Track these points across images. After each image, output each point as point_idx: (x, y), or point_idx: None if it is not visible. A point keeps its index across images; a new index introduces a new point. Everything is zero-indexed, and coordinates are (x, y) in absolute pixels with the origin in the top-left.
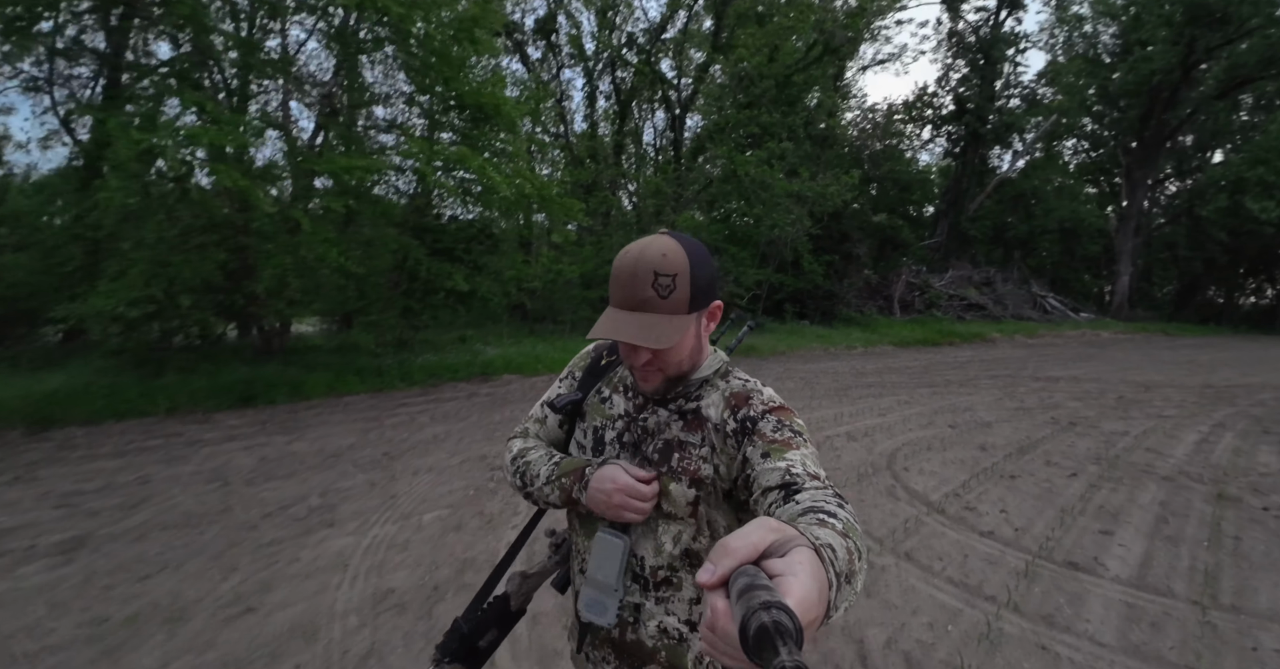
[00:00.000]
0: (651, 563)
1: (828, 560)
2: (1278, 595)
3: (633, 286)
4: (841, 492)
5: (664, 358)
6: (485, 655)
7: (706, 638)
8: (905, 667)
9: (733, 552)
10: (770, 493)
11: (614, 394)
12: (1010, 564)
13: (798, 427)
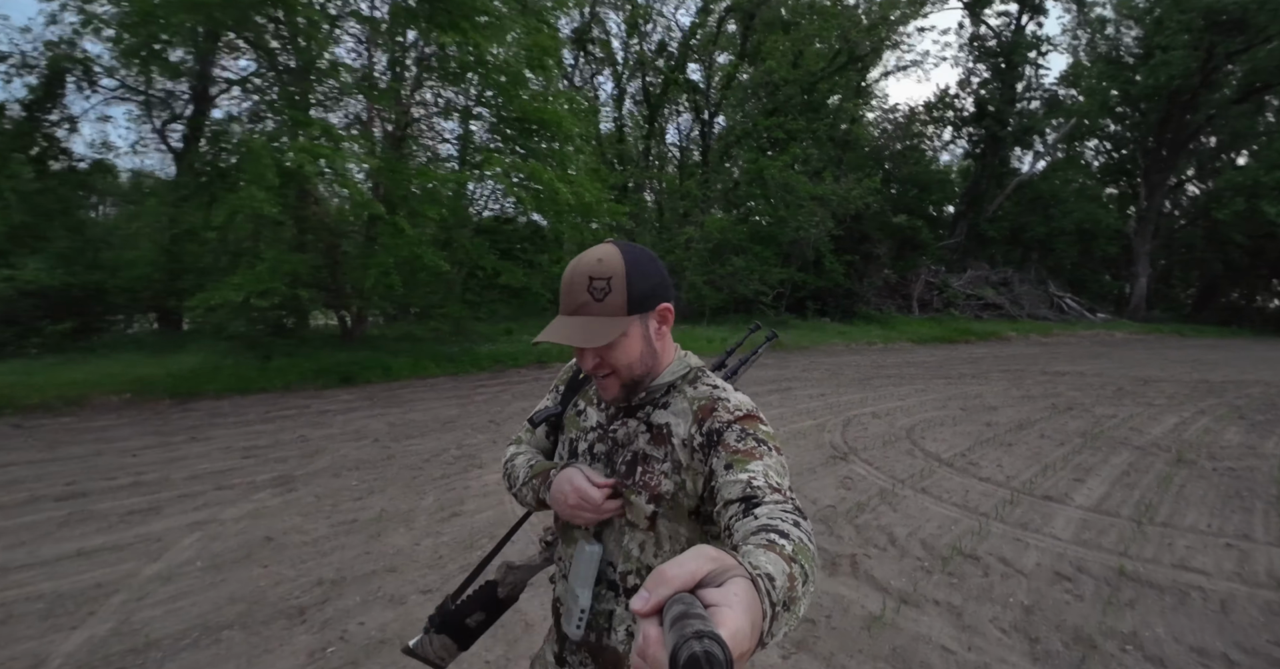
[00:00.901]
0: (621, 568)
1: (764, 591)
2: (1199, 519)
3: (570, 292)
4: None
5: (611, 360)
6: (474, 634)
7: (636, 665)
8: (922, 547)
9: (669, 580)
10: (731, 506)
11: (589, 407)
12: (999, 496)
13: (763, 435)
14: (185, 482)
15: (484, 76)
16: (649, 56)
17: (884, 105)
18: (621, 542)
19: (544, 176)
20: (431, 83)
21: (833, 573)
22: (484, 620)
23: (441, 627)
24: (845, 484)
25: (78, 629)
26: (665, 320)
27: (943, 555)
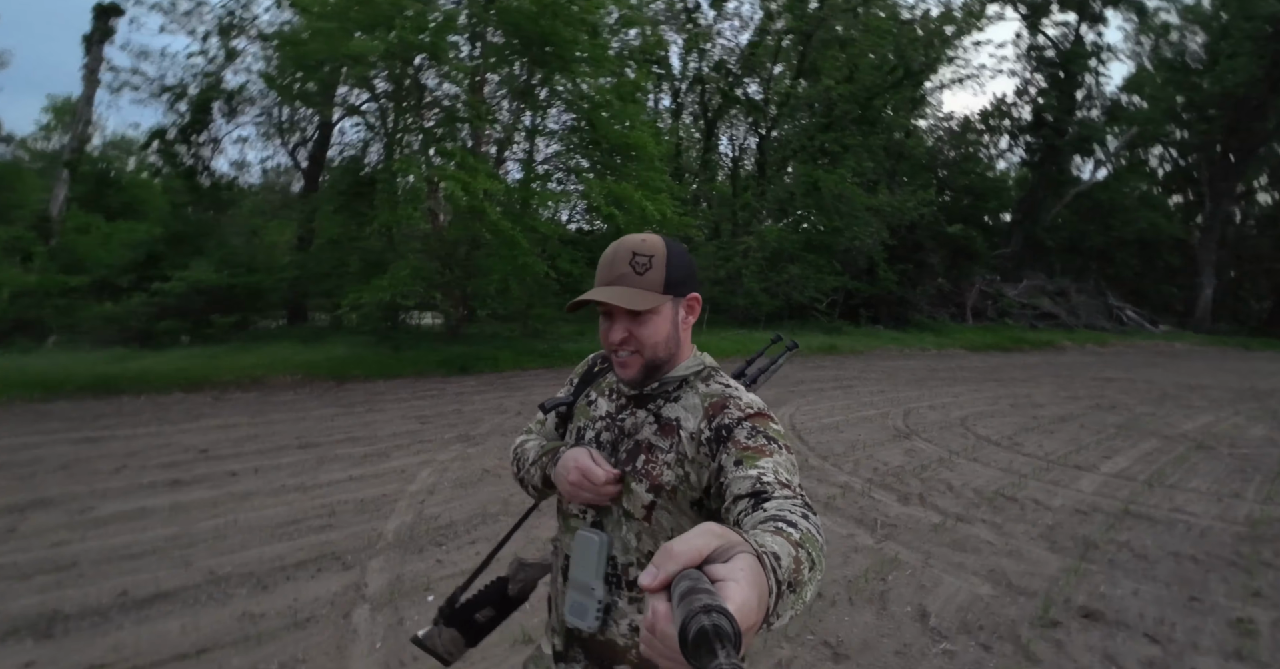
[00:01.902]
0: (621, 560)
1: (769, 568)
2: (1201, 484)
3: (611, 265)
4: (811, 500)
5: (640, 336)
6: (483, 631)
7: (646, 640)
8: (972, 492)
9: (676, 556)
10: (740, 501)
11: (600, 398)
12: (1037, 464)
13: (773, 433)
14: (388, 438)
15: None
16: (708, 74)
17: (938, 113)
18: (620, 533)
19: (634, 197)
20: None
21: (905, 503)
22: (493, 617)
23: (450, 620)
24: (909, 453)
25: (389, 519)
26: (692, 311)
27: (988, 497)
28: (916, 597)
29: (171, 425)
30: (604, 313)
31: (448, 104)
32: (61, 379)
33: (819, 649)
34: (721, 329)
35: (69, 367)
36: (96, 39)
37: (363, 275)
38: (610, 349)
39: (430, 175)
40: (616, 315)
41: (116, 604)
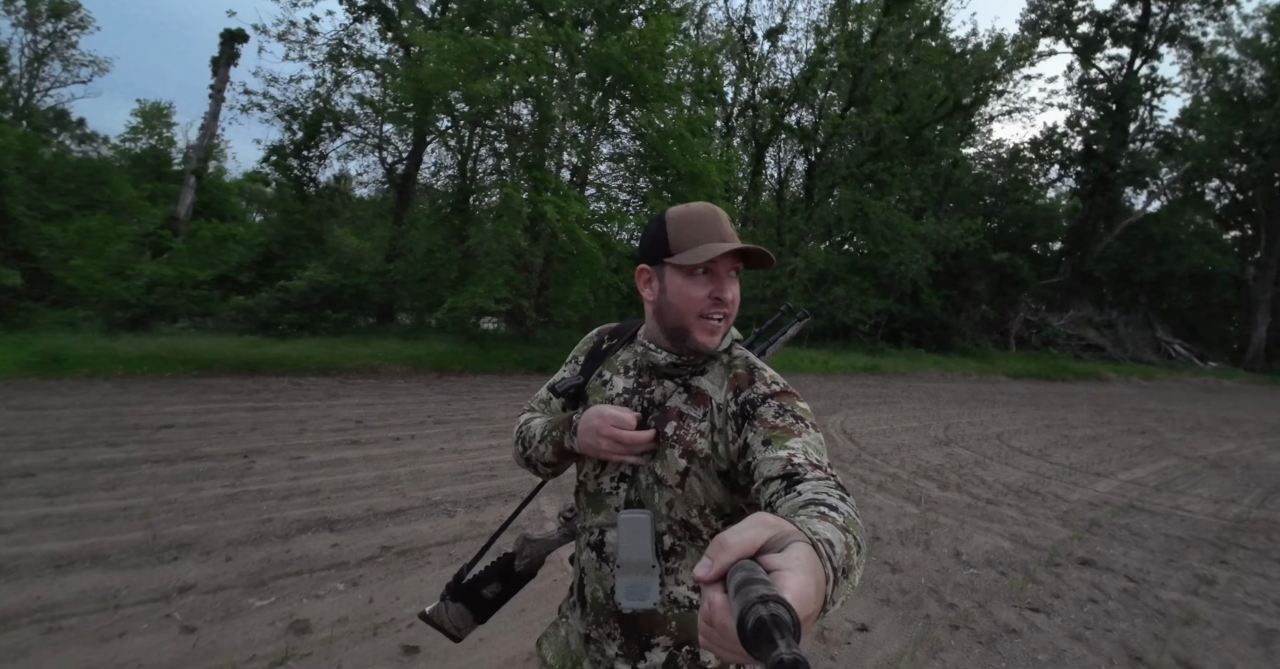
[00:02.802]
0: (659, 528)
1: (825, 556)
2: (1205, 491)
3: (721, 223)
4: (844, 482)
5: (735, 303)
6: (491, 606)
7: (704, 631)
8: (1002, 485)
9: (730, 547)
10: (771, 483)
11: (614, 376)
12: (1061, 470)
13: (800, 412)
14: (502, 420)
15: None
16: (759, 102)
17: (987, 140)
18: (652, 501)
19: None
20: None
21: (944, 490)
22: (500, 593)
23: (457, 595)
24: (948, 456)
25: None
26: None
27: (1015, 489)
28: (952, 544)
29: (320, 400)
30: (703, 272)
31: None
32: (213, 359)
33: (880, 566)
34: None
35: (218, 349)
36: (223, 62)
37: (457, 282)
38: (705, 313)
39: (531, 200)
40: (723, 277)
41: (369, 516)
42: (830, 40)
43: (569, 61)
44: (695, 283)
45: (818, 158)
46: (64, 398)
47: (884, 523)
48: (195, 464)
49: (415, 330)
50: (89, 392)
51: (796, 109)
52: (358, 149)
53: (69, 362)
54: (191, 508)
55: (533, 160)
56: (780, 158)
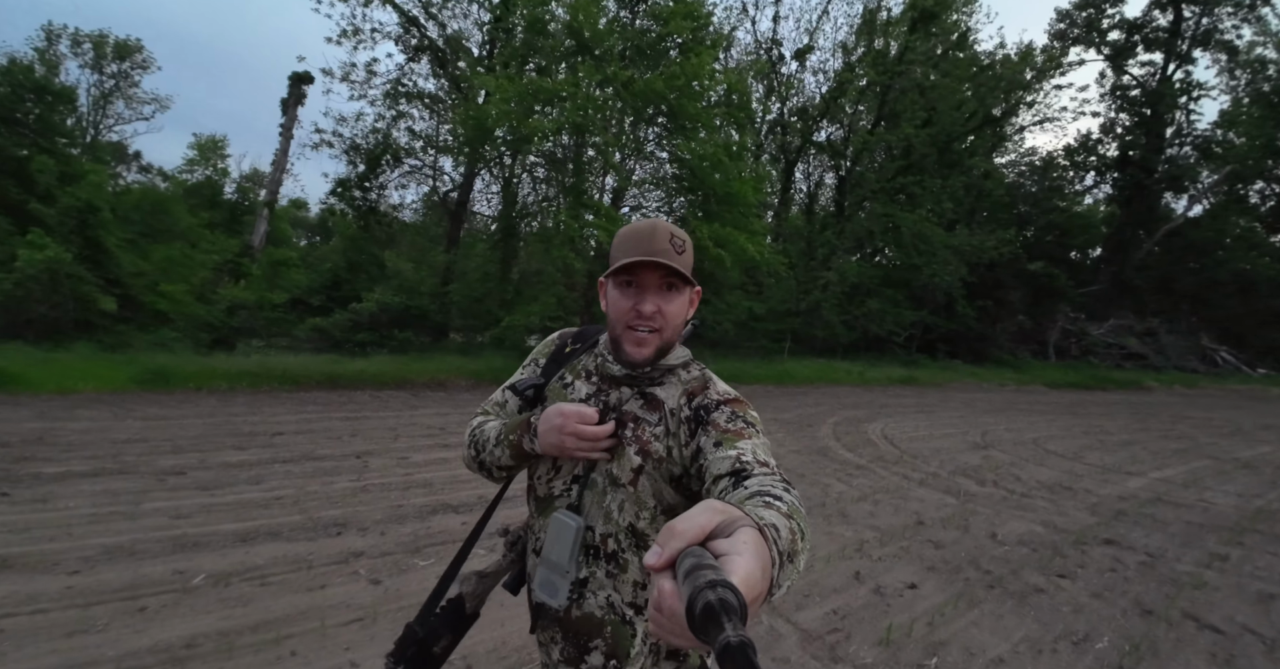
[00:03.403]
0: (601, 530)
1: (771, 539)
2: (1231, 488)
3: (653, 239)
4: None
5: (666, 314)
6: (439, 661)
7: (654, 618)
8: (1037, 483)
9: (680, 533)
10: (721, 480)
11: (576, 380)
12: (1093, 470)
13: (751, 418)
14: None
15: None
16: (789, 120)
17: (1019, 148)
18: (602, 502)
19: (739, 239)
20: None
21: (981, 486)
22: (449, 645)
23: (408, 661)
24: (985, 458)
25: None
26: (693, 304)
27: (1048, 486)
28: (988, 528)
29: (401, 411)
30: (629, 284)
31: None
32: (301, 374)
33: (925, 544)
34: (801, 358)
35: (304, 366)
36: (291, 102)
37: (510, 302)
38: (629, 324)
39: (581, 225)
40: (648, 289)
41: (483, 502)
42: (857, 58)
43: (614, 95)
44: (624, 295)
45: (848, 172)
46: (178, 409)
47: (926, 511)
48: (318, 463)
49: (471, 347)
50: (198, 404)
51: (825, 126)
52: (413, 179)
53: (174, 377)
54: (331, 497)
55: (577, 186)
56: (809, 172)
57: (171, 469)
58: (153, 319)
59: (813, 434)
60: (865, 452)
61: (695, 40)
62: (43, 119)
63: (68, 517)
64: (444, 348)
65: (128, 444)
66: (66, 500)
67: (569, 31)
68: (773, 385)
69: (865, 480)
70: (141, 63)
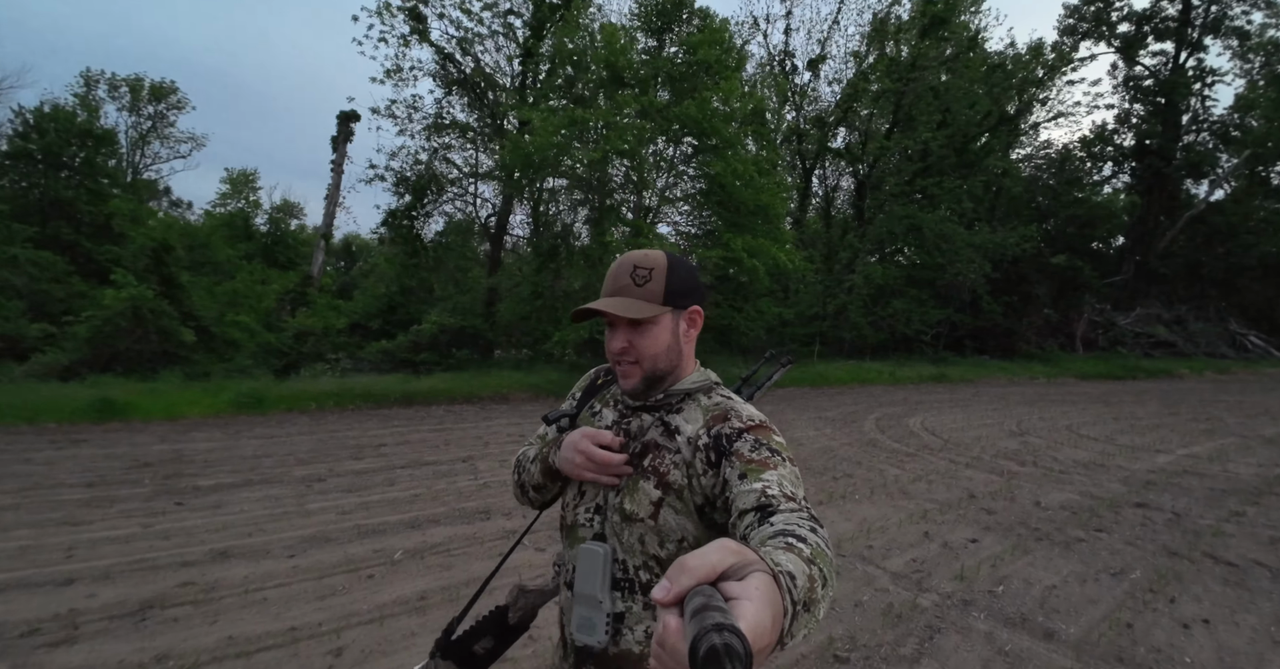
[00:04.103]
0: (634, 563)
1: (785, 588)
2: (1255, 459)
3: (614, 279)
4: (816, 513)
5: (639, 347)
6: (484, 662)
7: (656, 654)
8: (1073, 462)
9: (690, 570)
10: (746, 515)
11: (604, 408)
12: (1125, 449)
13: (776, 445)
14: None
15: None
16: (805, 129)
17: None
18: (623, 537)
19: (771, 251)
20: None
21: (1021, 465)
22: (493, 648)
23: (447, 652)
24: (1022, 444)
25: None
26: (694, 324)
27: (1083, 464)
28: (1032, 497)
29: (478, 422)
30: (608, 324)
31: (620, 181)
32: (379, 393)
33: (979, 511)
34: (831, 360)
35: (381, 385)
36: (341, 139)
37: (559, 319)
38: (612, 359)
39: (622, 243)
40: (618, 325)
41: None
42: (870, 65)
43: (651, 121)
44: (607, 333)
45: (866, 176)
46: (281, 429)
47: (975, 487)
48: (432, 467)
49: (523, 363)
50: (296, 423)
51: (842, 133)
52: (455, 207)
53: (267, 400)
54: (462, 492)
55: (615, 208)
56: (825, 177)
57: (310, 477)
58: (225, 348)
59: (858, 429)
60: (910, 442)
61: (722, 64)
62: (88, 161)
63: (249, 518)
64: (498, 364)
65: (256, 459)
66: (238, 505)
67: (605, 64)
68: (809, 387)
69: (916, 465)
70: (176, 103)
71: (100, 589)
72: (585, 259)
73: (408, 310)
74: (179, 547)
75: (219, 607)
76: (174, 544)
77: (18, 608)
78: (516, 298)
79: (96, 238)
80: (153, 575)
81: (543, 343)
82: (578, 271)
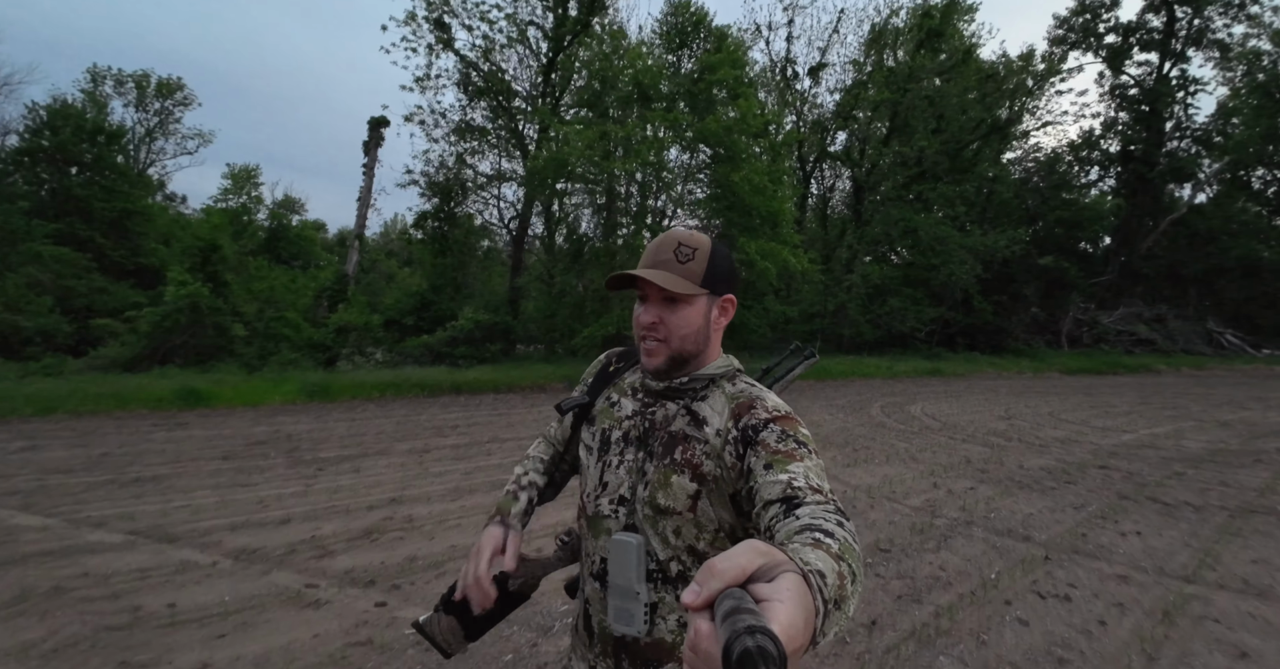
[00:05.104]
0: (663, 556)
1: (816, 587)
2: (1203, 438)
3: (656, 252)
4: (843, 506)
5: (670, 324)
6: (483, 624)
7: (688, 659)
8: (1052, 439)
9: (719, 573)
10: (771, 506)
11: (622, 398)
12: (1096, 430)
13: (802, 437)
14: None
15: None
16: (805, 134)
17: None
18: (656, 529)
19: (783, 254)
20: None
21: (1008, 441)
22: (492, 613)
23: (449, 608)
24: (1009, 425)
25: None
26: (725, 313)
27: (1060, 440)
28: (1016, 462)
29: (527, 409)
30: (640, 297)
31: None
32: (431, 384)
33: (975, 470)
34: (832, 356)
35: (432, 376)
36: (372, 144)
37: (586, 315)
38: (639, 333)
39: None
40: (651, 299)
41: None
42: (867, 73)
43: (674, 136)
44: (637, 306)
45: (865, 179)
46: (358, 413)
47: (971, 455)
48: (515, 442)
49: (553, 356)
50: (366, 409)
51: (841, 138)
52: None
53: (333, 389)
54: None
55: (641, 212)
56: (823, 178)
57: (416, 450)
58: (268, 342)
59: (867, 414)
60: (913, 424)
61: (739, 82)
62: (100, 158)
63: (391, 478)
64: (530, 358)
65: (353, 437)
66: (374, 470)
67: (634, 82)
68: (813, 380)
69: (920, 440)
70: (183, 100)
71: (316, 526)
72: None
73: (439, 307)
74: (352, 497)
75: (428, 530)
76: (346, 495)
77: (261, 539)
78: (546, 296)
79: (111, 234)
80: (351, 515)
81: (568, 339)
82: (599, 272)
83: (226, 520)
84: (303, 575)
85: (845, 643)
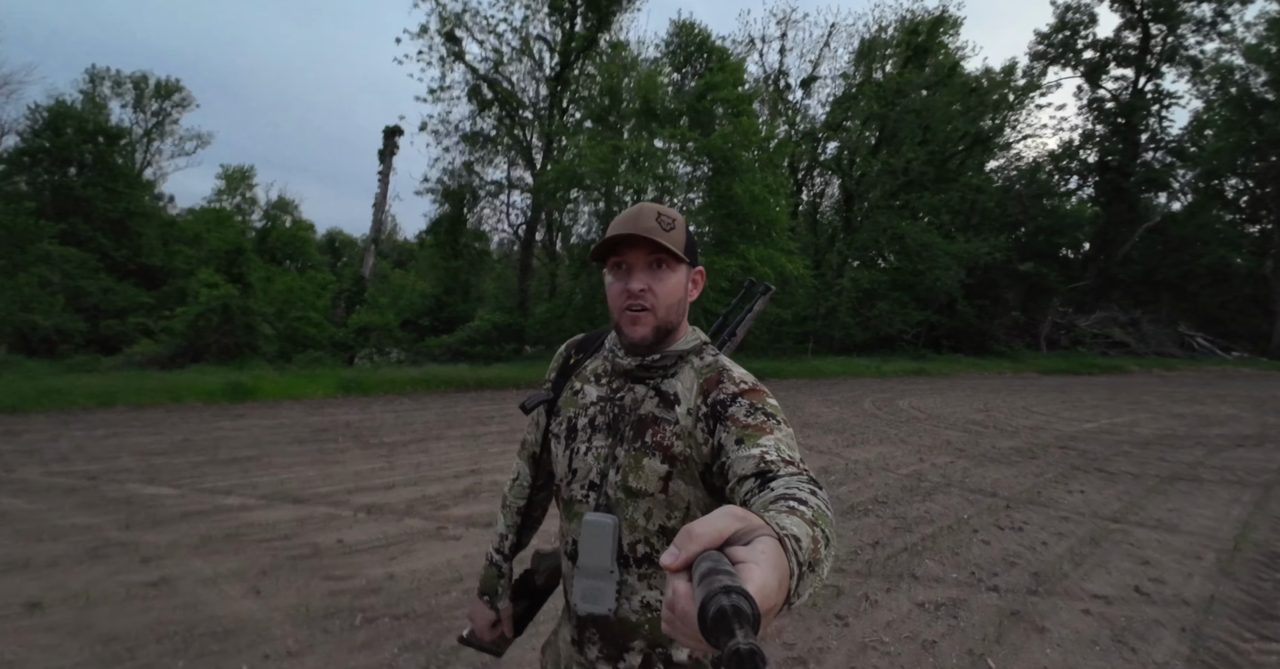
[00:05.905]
0: (629, 539)
1: (791, 550)
2: (1155, 426)
3: (636, 219)
4: (815, 476)
5: (658, 292)
6: (522, 621)
7: (667, 618)
8: (1024, 427)
9: (697, 537)
10: (746, 482)
11: (585, 385)
12: (1064, 419)
13: (770, 408)
14: None
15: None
16: (797, 144)
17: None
18: (626, 513)
19: (781, 260)
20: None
21: (985, 429)
22: (529, 607)
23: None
24: (987, 415)
25: None
26: (697, 285)
27: (1030, 427)
28: (990, 443)
29: None
30: (618, 266)
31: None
32: (456, 380)
33: (954, 450)
34: (823, 357)
35: (456, 373)
36: (387, 152)
37: (596, 316)
38: (625, 304)
39: None
40: (635, 269)
41: None
42: (857, 84)
43: (679, 150)
44: (616, 278)
45: (855, 187)
46: (398, 406)
47: (952, 438)
48: None
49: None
50: (403, 402)
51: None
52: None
53: (367, 385)
54: None
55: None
56: (813, 185)
57: (468, 435)
58: (291, 342)
59: (859, 407)
60: (901, 415)
61: (740, 100)
62: (101, 159)
63: (460, 455)
64: (544, 357)
65: (405, 425)
66: (441, 450)
67: (642, 99)
68: (807, 379)
69: (908, 428)
70: (181, 102)
71: (420, 489)
72: None
73: (453, 309)
74: (435, 470)
75: None
76: (426, 469)
77: (382, 499)
78: (559, 298)
79: (113, 235)
80: (442, 482)
81: None
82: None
83: (341, 487)
84: (431, 522)
85: (815, 608)
